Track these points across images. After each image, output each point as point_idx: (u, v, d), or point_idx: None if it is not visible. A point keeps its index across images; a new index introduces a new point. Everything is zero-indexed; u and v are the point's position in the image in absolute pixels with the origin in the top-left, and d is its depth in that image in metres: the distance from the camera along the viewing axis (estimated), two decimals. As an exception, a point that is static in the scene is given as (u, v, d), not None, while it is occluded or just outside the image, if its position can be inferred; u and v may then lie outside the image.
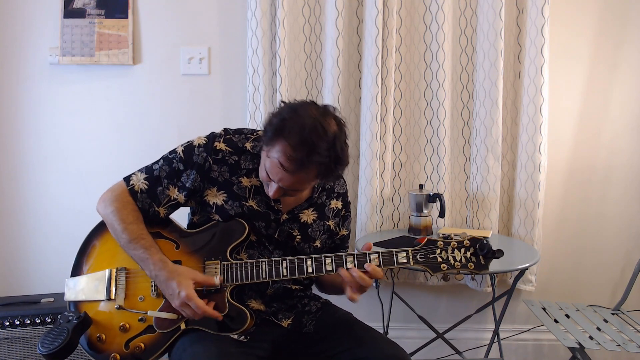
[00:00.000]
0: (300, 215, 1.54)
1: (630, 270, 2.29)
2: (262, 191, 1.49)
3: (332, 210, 1.60)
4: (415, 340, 2.29)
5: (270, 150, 1.36)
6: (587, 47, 2.37)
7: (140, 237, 1.44)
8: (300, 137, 1.30)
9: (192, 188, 1.48)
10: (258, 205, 1.50)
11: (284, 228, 1.52)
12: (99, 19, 2.31)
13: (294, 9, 2.28)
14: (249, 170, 1.50)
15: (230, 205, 1.48)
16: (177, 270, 1.40)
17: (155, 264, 1.40)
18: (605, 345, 1.81)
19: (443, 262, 1.36)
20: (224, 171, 1.49)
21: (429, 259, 1.36)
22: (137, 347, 1.42)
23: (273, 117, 1.38)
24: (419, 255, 1.36)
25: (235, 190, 1.49)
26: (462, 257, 1.35)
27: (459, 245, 1.36)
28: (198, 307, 1.35)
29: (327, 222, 1.59)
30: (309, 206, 1.56)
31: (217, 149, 1.49)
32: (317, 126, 1.32)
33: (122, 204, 1.47)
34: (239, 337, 1.40)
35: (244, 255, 1.49)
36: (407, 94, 2.36)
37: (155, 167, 1.52)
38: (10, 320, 2.01)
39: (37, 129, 2.38)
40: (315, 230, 1.56)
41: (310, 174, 1.36)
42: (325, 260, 1.39)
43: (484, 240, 1.34)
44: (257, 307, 1.49)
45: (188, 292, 1.35)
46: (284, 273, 1.40)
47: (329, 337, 1.48)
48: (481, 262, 1.35)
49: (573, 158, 2.43)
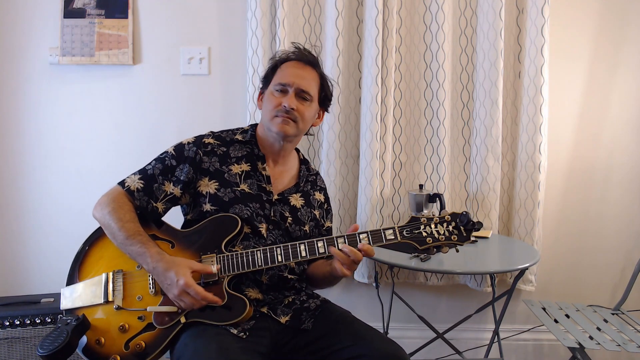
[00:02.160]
0: (290, 198, 1.65)
1: (630, 270, 2.29)
2: (253, 175, 1.61)
3: (317, 200, 1.72)
4: (415, 340, 2.29)
5: (277, 71, 1.66)
6: (587, 47, 2.38)
7: (137, 233, 1.47)
8: (301, 50, 1.68)
9: (187, 180, 1.57)
10: (250, 188, 1.59)
11: (276, 208, 1.61)
12: (99, 19, 2.32)
13: (294, 9, 2.28)
14: (239, 158, 1.63)
15: (223, 192, 1.56)
16: (174, 261, 1.43)
17: (152, 256, 1.43)
18: (605, 345, 1.82)
19: (428, 235, 1.44)
20: (214, 161, 1.60)
21: (415, 234, 1.45)
22: (137, 346, 1.42)
23: (268, 65, 1.71)
24: (405, 231, 1.45)
25: (226, 177, 1.58)
26: (445, 231, 1.44)
27: (440, 220, 1.45)
28: (197, 293, 1.38)
29: (314, 210, 1.69)
30: (297, 191, 1.67)
31: (206, 143, 1.62)
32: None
33: (119, 204, 1.51)
34: (238, 333, 1.42)
35: (239, 247, 1.53)
36: (407, 94, 2.36)
37: (148, 167, 1.59)
38: (10, 320, 2.01)
39: (37, 129, 2.38)
40: (304, 214, 1.65)
41: (316, 73, 1.66)
42: (318, 244, 1.46)
43: (464, 212, 1.44)
44: (255, 296, 1.53)
45: (186, 279, 1.38)
46: (278, 259, 1.46)
47: (328, 335, 1.49)
48: (463, 233, 1.44)
49: (573, 158, 2.43)
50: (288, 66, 1.64)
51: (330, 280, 1.65)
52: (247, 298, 1.45)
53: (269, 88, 1.65)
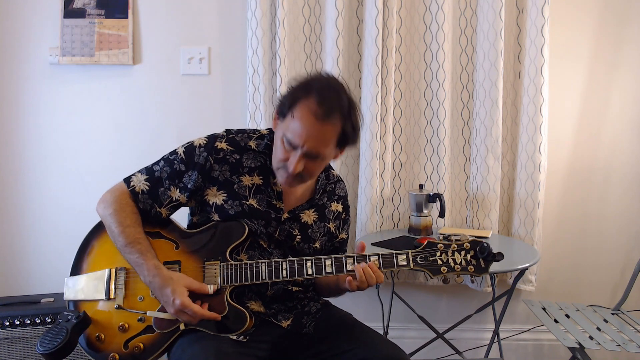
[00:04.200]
0: (301, 215, 1.54)
1: (630, 270, 2.29)
2: (264, 190, 1.50)
3: (333, 212, 1.61)
4: (415, 340, 2.29)
5: (293, 112, 1.37)
6: (587, 47, 2.37)
7: (137, 241, 1.43)
8: (324, 87, 1.38)
9: (194, 189, 1.48)
10: (259, 204, 1.49)
11: (284, 227, 1.51)
12: (99, 19, 2.32)
13: (294, 9, 2.28)
14: (251, 169, 1.50)
15: (230, 204, 1.48)
16: (171, 277, 1.39)
17: (149, 269, 1.39)
18: (605, 345, 1.81)
19: (443, 264, 1.36)
20: (224, 170, 1.49)
21: (429, 261, 1.37)
22: (136, 347, 1.42)
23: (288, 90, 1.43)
24: (419, 257, 1.37)
25: (235, 189, 1.49)
26: (462, 260, 1.36)
27: (459, 247, 1.36)
28: (195, 313, 1.35)
29: (328, 224, 1.58)
30: (310, 207, 1.56)
31: (219, 149, 1.49)
32: (336, 80, 1.43)
33: (121, 205, 1.47)
34: (237, 338, 1.40)
35: (244, 256, 1.48)
36: (407, 94, 2.36)
37: (156, 168, 1.51)
38: (10, 320, 2.01)
39: (37, 129, 2.38)
40: (315, 231, 1.56)
41: (336, 126, 1.37)
42: (325, 262, 1.39)
43: (484, 243, 1.34)
44: (257, 309, 1.48)
45: (182, 299, 1.34)
46: (283, 274, 1.40)
47: (329, 338, 1.48)
48: (481, 265, 1.35)
49: (573, 158, 2.43)
50: (302, 116, 1.36)
51: (336, 291, 1.58)
52: (248, 310, 1.41)
53: (281, 127, 1.42)
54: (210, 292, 1.39)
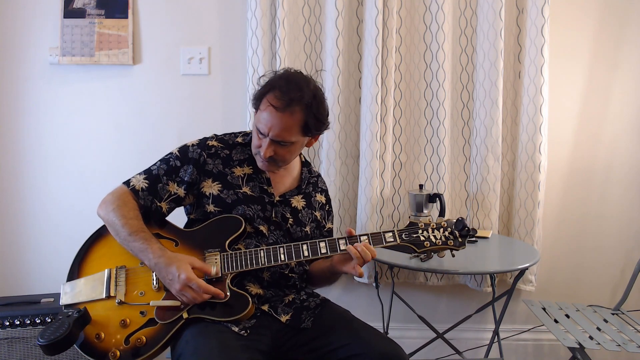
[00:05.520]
0: (291, 200, 1.67)
1: (630, 270, 2.29)
2: (255, 178, 1.64)
3: (318, 202, 1.74)
4: (415, 340, 2.29)
5: (260, 105, 1.55)
6: (587, 47, 2.38)
7: (140, 230, 1.49)
8: (286, 81, 1.53)
9: (190, 181, 1.59)
10: (252, 191, 1.62)
11: (278, 209, 1.63)
12: (99, 19, 2.32)
13: (294, 9, 2.28)
14: (241, 161, 1.65)
15: (226, 194, 1.59)
16: (176, 257, 1.45)
17: (154, 252, 1.45)
18: (605, 345, 1.82)
19: (425, 240, 1.51)
20: (217, 164, 1.62)
21: (413, 237, 1.52)
22: (138, 340, 1.43)
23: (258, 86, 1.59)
24: (404, 234, 1.52)
25: (229, 179, 1.61)
26: (442, 236, 1.52)
27: (437, 225, 1.53)
28: (200, 287, 1.40)
29: (314, 212, 1.71)
30: (298, 193, 1.69)
31: (210, 145, 1.64)
32: (300, 75, 1.58)
33: (123, 202, 1.54)
34: (239, 331, 1.43)
35: (241, 244, 1.56)
36: (407, 94, 2.36)
37: (153, 167, 1.62)
38: (10, 320, 2.01)
39: (37, 129, 2.37)
40: (305, 216, 1.67)
41: (296, 115, 1.51)
42: (320, 244, 1.51)
43: (459, 218, 1.52)
44: (256, 291, 1.55)
45: (188, 273, 1.40)
46: (281, 258, 1.50)
47: (327, 333, 1.50)
48: (458, 239, 1.51)
49: (573, 158, 2.43)
50: (266, 108, 1.52)
51: (328, 278, 1.70)
52: (249, 294, 1.48)
53: (254, 119, 1.60)
54: (212, 272, 1.46)
